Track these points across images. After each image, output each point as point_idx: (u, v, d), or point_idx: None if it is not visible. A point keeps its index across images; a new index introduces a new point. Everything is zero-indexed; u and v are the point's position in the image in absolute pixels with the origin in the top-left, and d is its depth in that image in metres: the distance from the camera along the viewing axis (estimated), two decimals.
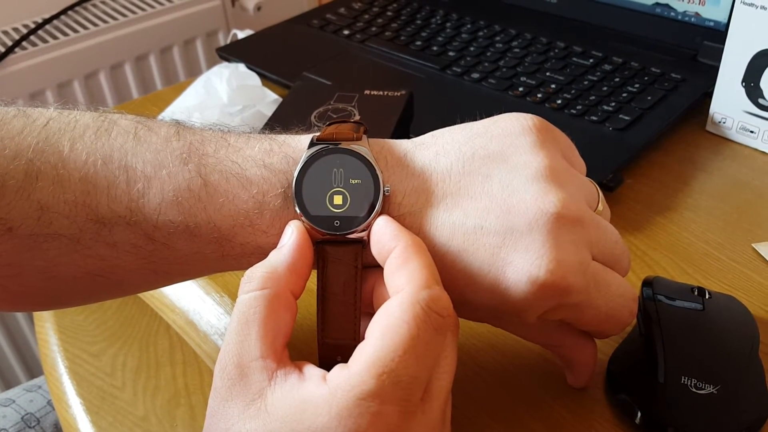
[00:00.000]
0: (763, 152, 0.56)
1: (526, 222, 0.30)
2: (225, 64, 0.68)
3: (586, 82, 0.61)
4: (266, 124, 0.53)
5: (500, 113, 0.34)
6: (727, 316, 0.38)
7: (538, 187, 0.30)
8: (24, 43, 0.94)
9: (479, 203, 0.31)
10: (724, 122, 0.57)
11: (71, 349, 0.59)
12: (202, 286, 0.48)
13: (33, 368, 1.12)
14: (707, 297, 0.38)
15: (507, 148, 0.32)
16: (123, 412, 0.54)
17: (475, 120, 0.34)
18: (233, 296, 0.46)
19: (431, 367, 0.28)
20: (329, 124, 0.33)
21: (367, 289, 0.32)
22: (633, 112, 0.57)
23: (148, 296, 0.51)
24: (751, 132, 0.56)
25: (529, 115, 0.33)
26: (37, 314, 0.64)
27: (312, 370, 0.28)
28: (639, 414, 0.35)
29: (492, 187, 0.31)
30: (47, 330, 0.61)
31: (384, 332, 0.27)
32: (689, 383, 0.34)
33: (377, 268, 0.31)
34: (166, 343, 0.59)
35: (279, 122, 0.52)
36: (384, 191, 0.31)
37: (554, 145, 0.33)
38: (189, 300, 0.48)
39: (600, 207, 0.34)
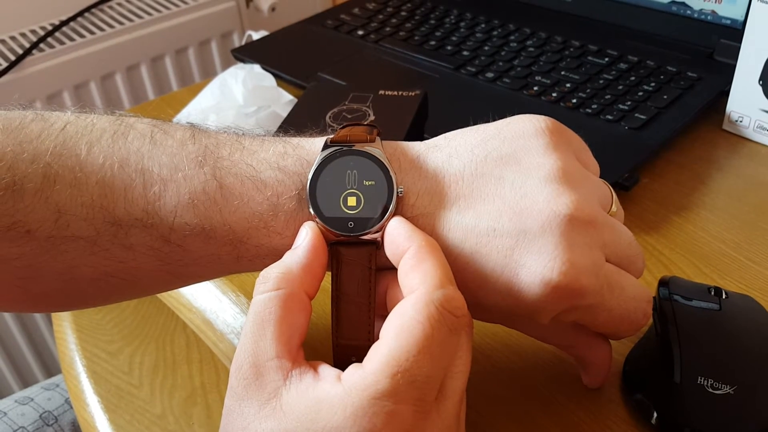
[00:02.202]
0: None
1: (539, 224, 0.30)
2: (240, 65, 0.68)
3: (601, 81, 0.61)
4: (281, 126, 0.53)
5: (514, 113, 0.34)
6: (744, 317, 0.38)
7: (550, 188, 0.30)
8: (41, 45, 0.95)
9: (492, 205, 0.31)
10: (740, 121, 0.57)
11: (89, 347, 0.60)
12: (219, 286, 0.48)
13: (51, 367, 1.13)
14: (724, 297, 0.38)
15: (519, 150, 0.32)
16: (140, 411, 0.54)
17: (488, 121, 0.34)
18: (249, 296, 0.46)
19: (445, 366, 0.28)
20: (343, 127, 0.34)
21: (381, 291, 0.32)
22: (649, 111, 0.57)
23: (165, 295, 0.52)
24: None
25: (542, 117, 0.33)
26: (55, 314, 0.65)
27: (327, 370, 0.28)
28: (655, 414, 0.35)
29: (504, 189, 0.31)
30: (65, 329, 0.62)
31: (398, 332, 0.27)
32: (706, 383, 0.34)
33: (391, 270, 0.31)
34: (182, 341, 0.60)
35: (294, 123, 0.52)
36: (397, 192, 0.31)
37: (567, 147, 0.33)
38: (205, 299, 0.48)
39: (614, 208, 0.34)
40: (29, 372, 1.12)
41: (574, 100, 0.59)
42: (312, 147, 0.33)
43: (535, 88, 0.61)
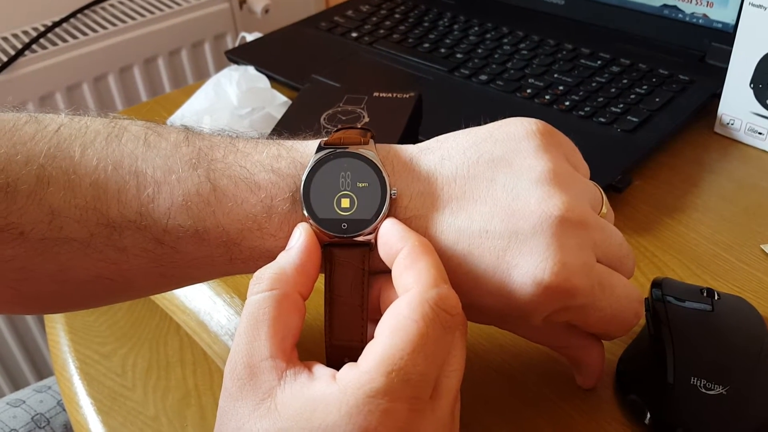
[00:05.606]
0: None
1: (531, 225, 0.30)
2: (234, 66, 0.68)
3: (594, 84, 0.61)
4: (275, 127, 0.53)
5: (508, 115, 0.34)
6: (736, 317, 0.38)
7: (541, 190, 0.31)
8: (34, 46, 0.95)
9: (484, 207, 0.31)
10: (732, 124, 0.57)
11: (82, 349, 0.60)
12: (213, 287, 0.48)
13: (42, 369, 1.13)
14: (716, 298, 0.38)
15: (511, 153, 0.32)
16: (133, 413, 0.54)
17: (480, 124, 0.34)
18: (243, 297, 0.46)
19: (440, 365, 0.28)
20: (337, 130, 0.34)
21: (374, 294, 0.32)
22: (641, 114, 0.57)
23: (159, 297, 0.51)
24: (759, 133, 0.56)
25: (533, 120, 0.33)
26: (47, 315, 0.65)
27: (321, 370, 0.28)
28: (648, 415, 0.35)
29: (496, 191, 0.31)
30: (58, 331, 0.62)
31: (393, 331, 0.27)
32: (699, 384, 0.34)
33: (384, 273, 0.31)
34: (176, 343, 0.60)
35: (288, 124, 0.52)
36: (391, 194, 0.31)
37: (557, 149, 0.33)
38: (199, 301, 0.48)
39: (604, 210, 0.34)
40: (20, 374, 1.11)
41: (567, 103, 0.59)
42: (306, 149, 0.33)
43: (529, 91, 0.62)
